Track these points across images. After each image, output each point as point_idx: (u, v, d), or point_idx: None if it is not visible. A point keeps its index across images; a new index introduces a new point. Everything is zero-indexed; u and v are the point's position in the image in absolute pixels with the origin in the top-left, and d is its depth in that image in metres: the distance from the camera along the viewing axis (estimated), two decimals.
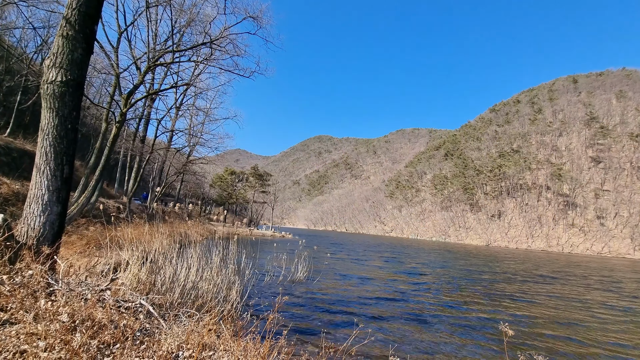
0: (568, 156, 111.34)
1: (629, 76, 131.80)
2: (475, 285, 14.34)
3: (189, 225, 16.28)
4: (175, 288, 6.14)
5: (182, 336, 2.50)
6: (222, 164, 74.84)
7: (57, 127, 3.82)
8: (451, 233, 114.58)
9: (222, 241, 8.30)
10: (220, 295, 6.52)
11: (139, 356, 2.08)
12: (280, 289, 9.85)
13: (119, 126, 12.77)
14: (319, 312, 7.79)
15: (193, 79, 19.85)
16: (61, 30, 3.93)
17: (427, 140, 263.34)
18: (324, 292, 10.10)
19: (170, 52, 14.05)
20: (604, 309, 11.20)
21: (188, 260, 6.96)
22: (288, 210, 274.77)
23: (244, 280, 8.07)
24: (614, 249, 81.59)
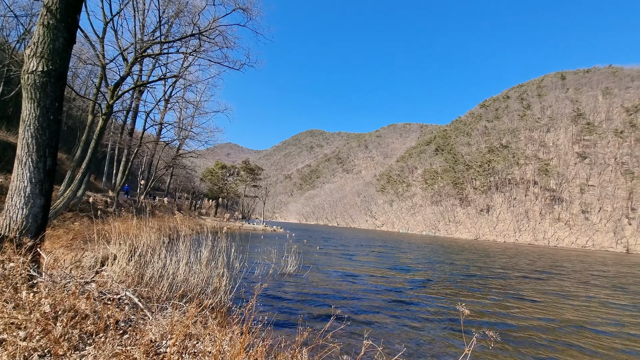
0: (555, 152, 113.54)
1: (615, 73, 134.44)
2: (464, 280, 14.64)
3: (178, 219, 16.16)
4: (164, 281, 6.15)
5: (166, 326, 2.52)
6: (213, 158, 74.24)
7: (39, 118, 3.75)
8: (441, 227, 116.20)
9: (212, 235, 8.30)
10: (209, 288, 6.55)
11: (122, 344, 2.10)
12: (270, 281, 9.91)
13: (106, 118, 12.53)
14: (307, 304, 7.88)
15: (182, 71, 19.55)
16: (42, 19, 3.84)
17: (418, 135, 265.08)
18: (313, 285, 10.20)
19: (158, 43, 13.78)
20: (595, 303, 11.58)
21: (177, 253, 6.95)
22: (280, 204, 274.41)
23: (234, 273, 8.11)
24: (597, 242, 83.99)
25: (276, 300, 8.03)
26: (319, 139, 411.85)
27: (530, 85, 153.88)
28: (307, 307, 7.61)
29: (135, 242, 7.22)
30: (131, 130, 24.20)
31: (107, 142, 30.37)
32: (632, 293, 13.96)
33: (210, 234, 8.27)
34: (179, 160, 34.11)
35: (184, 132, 28.64)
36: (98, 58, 13.18)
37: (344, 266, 15.20)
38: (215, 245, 8.02)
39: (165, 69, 21.55)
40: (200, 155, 35.65)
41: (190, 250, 7.21)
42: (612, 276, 20.22)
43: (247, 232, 35.88)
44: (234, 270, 8.38)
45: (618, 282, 17.74)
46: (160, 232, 8.97)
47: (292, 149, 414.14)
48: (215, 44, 13.48)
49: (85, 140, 13.02)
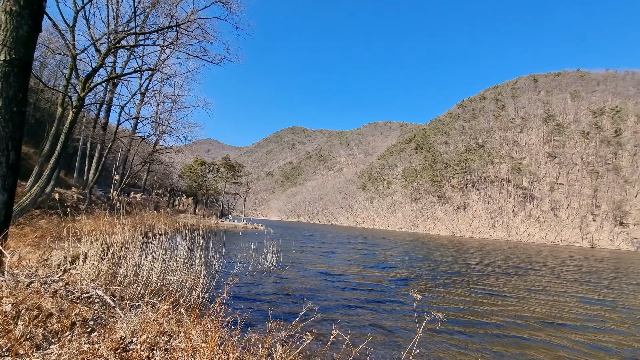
0: (527, 151, 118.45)
1: (583, 77, 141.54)
2: (441, 277, 15.07)
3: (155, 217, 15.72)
4: (139, 280, 6.00)
5: (138, 324, 2.48)
6: (192, 154, 72.41)
7: (1, 109, 3.56)
8: (420, 224, 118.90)
9: (190, 233, 8.15)
10: (187, 285, 6.45)
11: (89, 342, 2.05)
12: (249, 279, 9.86)
13: (77, 111, 12.00)
14: (283, 300, 7.91)
15: (159, 64, 18.98)
16: (4, 5, 3.64)
17: (399, 134, 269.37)
18: (290, 281, 10.23)
19: (133, 35, 13.31)
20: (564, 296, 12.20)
21: (153, 251, 6.80)
22: (261, 201, 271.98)
23: (212, 271, 8.02)
24: (565, 238, 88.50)
25: (254, 297, 8.01)
26: (300, 136, 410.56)
27: (505, 86, 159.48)
28: (283, 302, 7.63)
29: (108, 240, 6.99)
30: (105, 124, 23.28)
31: (78, 136, 29.07)
32: (605, 288, 14.83)
33: (188, 231, 8.12)
34: (156, 156, 33.14)
35: (161, 127, 27.85)
36: (68, 48, 12.58)
37: (322, 263, 15.31)
38: (193, 243, 7.90)
39: (141, 62, 20.83)
40: (178, 151, 34.71)
41: (166, 248, 7.07)
42: (588, 272, 21.39)
43: (227, 229, 35.37)
44: (212, 268, 8.30)
45: (591, 277, 18.79)
46: (136, 229, 8.72)
47: (273, 145, 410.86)
48: (193, 37, 13.17)
49: (54, 134, 12.42)
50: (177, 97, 28.20)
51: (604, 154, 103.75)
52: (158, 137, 29.38)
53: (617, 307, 10.33)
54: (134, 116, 25.31)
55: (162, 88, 27.28)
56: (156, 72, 20.30)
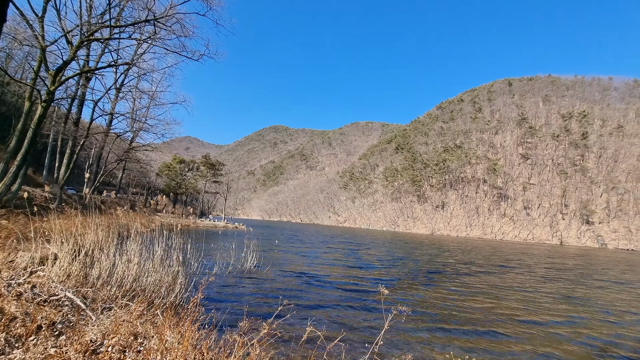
0: (502, 152, 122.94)
1: (554, 82, 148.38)
2: (419, 276, 15.39)
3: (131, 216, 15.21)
4: (113, 281, 5.81)
5: (109, 326, 2.41)
6: (171, 152, 70.59)
7: None
8: (400, 223, 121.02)
9: (168, 232, 7.96)
10: (163, 286, 6.30)
11: (56, 346, 1.96)
12: (228, 279, 9.74)
13: (46, 106, 11.45)
14: (262, 299, 7.88)
15: (135, 59, 18.37)
16: None
17: (380, 134, 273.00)
18: (270, 281, 10.19)
19: (107, 27, 12.82)
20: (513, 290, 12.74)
21: (128, 252, 6.60)
22: (242, 201, 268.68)
23: (190, 271, 7.86)
24: (536, 235, 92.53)
25: (233, 297, 7.92)
26: (282, 135, 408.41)
27: (482, 89, 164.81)
28: (262, 302, 7.60)
29: (80, 240, 6.72)
30: (77, 120, 22.26)
31: (48, 132, 27.72)
32: (576, 284, 15.60)
33: (165, 231, 7.92)
34: (132, 153, 32.05)
35: (138, 124, 26.95)
36: (37, 39, 11.95)
37: (303, 263, 15.32)
38: (171, 243, 7.71)
39: (116, 55, 20.07)
40: (156, 149, 33.68)
41: (143, 248, 6.87)
42: (562, 269, 22.41)
43: (207, 229, 34.75)
44: (191, 268, 8.14)
45: (566, 275, 19.71)
46: (110, 229, 8.42)
47: (255, 144, 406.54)
48: (172, 32, 12.84)
49: (21, 130, 11.78)
50: (154, 93, 27.37)
51: (572, 156, 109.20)
52: (134, 134, 28.43)
53: (586, 302, 10.92)
54: (109, 112, 24.37)
55: (138, 83, 26.40)
56: (132, 66, 19.65)
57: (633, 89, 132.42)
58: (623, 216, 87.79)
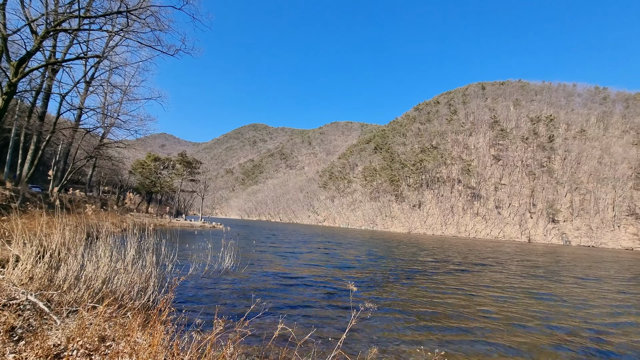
0: (476, 154, 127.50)
1: (524, 87, 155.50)
2: (397, 275, 15.70)
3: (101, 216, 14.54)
4: (81, 283, 5.57)
5: (75, 330, 2.32)
6: (145, 149, 68.19)
7: None
8: (378, 222, 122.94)
9: (141, 232, 7.71)
10: (135, 288, 6.11)
11: (14, 352, 1.87)
12: (204, 279, 9.57)
13: (7, 99, 10.77)
14: (238, 299, 7.81)
15: (107, 51, 17.63)
16: None
17: (359, 134, 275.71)
18: (247, 281, 10.11)
19: (76, 17, 12.21)
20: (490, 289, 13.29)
21: (98, 253, 6.34)
22: (220, 200, 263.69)
23: (165, 272, 7.66)
24: (507, 233, 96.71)
25: (208, 297, 7.80)
26: (262, 134, 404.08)
27: (457, 92, 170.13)
28: (237, 302, 7.53)
29: (45, 241, 6.39)
30: (42, 114, 21.07)
31: (10, 126, 26.08)
32: (550, 280, 16.41)
33: (138, 231, 7.66)
34: (103, 150, 30.71)
35: (110, 119, 25.85)
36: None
37: (281, 263, 15.29)
38: (144, 243, 7.48)
39: (85, 47, 19.14)
40: (129, 146, 32.41)
41: (113, 249, 6.63)
42: (535, 266, 23.49)
43: (183, 228, 33.90)
44: (165, 269, 7.92)
45: (539, 271, 20.69)
46: (78, 229, 8.05)
47: (234, 142, 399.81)
48: (146, 25, 12.41)
49: None
50: (127, 87, 26.32)
51: (539, 158, 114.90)
52: (106, 130, 27.27)
53: (555, 297, 11.55)
54: (78, 106, 23.24)
55: (110, 77, 25.33)
56: (103, 59, 18.84)
57: (594, 95, 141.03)
58: (585, 215, 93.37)
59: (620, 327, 8.04)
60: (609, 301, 11.24)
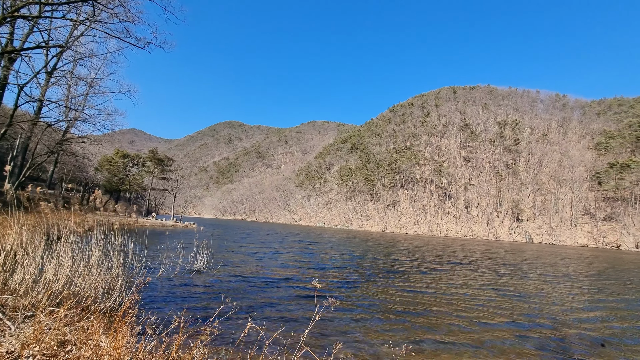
0: (447, 155, 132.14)
1: (492, 92, 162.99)
2: (373, 274, 15.98)
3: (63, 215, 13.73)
4: (40, 286, 5.27)
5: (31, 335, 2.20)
6: (112, 145, 65.18)
7: None
8: (354, 221, 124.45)
9: (108, 232, 7.37)
10: (101, 290, 5.85)
11: None
12: (176, 280, 9.31)
13: None
14: (208, 300, 7.68)
15: (71, 41, 16.67)
16: None
17: (336, 134, 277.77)
18: (219, 281, 9.95)
19: (37, 4, 11.45)
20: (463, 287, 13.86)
21: (59, 254, 6.00)
22: (194, 198, 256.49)
23: (133, 273, 7.38)
24: (475, 232, 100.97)
25: (179, 298, 7.61)
26: (238, 132, 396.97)
27: (430, 95, 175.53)
28: (208, 303, 7.40)
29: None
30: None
31: None
32: (517, 277, 17.23)
33: (105, 231, 7.33)
34: (66, 145, 29.00)
35: (74, 113, 24.41)
36: None
37: (255, 263, 15.15)
38: (111, 244, 7.16)
39: (47, 36, 17.96)
40: (95, 141, 30.74)
41: (77, 250, 6.31)
42: (505, 264, 24.60)
43: (154, 228, 32.73)
44: (134, 270, 7.63)
45: (510, 269, 21.67)
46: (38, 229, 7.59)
47: (208, 140, 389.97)
48: (114, 15, 11.85)
49: None
50: (94, 80, 24.95)
51: (506, 160, 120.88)
52: (69, 124, 25.73)
53: (523, 294, 12.20)
54: (38, 98, 21.75)
55: (74, 68, 23.88)
56: (66, 50, 17.78)
57: (555, 101, 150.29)
58: (546, 214, 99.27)
59: (584, 322, 8.67)
60: (573, 297, 12.07)
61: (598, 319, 8.84)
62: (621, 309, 10.21)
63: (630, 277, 19.41)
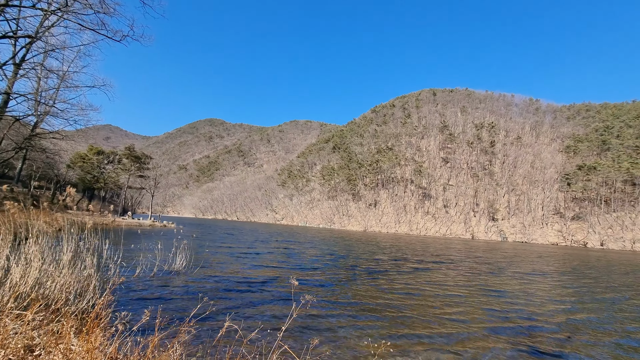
0: (427, 156, 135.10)
1: (470, 95, 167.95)
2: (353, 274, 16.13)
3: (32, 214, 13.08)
4: (5, 289, 5.02)
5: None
6: (86, 142, 62.60)
7: None
8: (336, 220, 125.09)
9: (81, 232, 7.10)
10: (73, 292, 5.64)
11: None
12: (153, 281, 9.08)
13: None
14: (186, 300, 7.56)
15: (41, 32, 15.87)
16: None
17: (318, 133, 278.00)
18: (197, 282, 9.79)
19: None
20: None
21: (27, 255, 5.74)
22: (172, 197, 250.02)
23: (107, 274, 7.15)
24: (453, 231, 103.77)
25: (156, 300, 7.43)
26: (219, 129, 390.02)
27: (411, 97, 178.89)
28: (185, 303, 7.28)
29: None
30: None
31: None
32: (495, 275, 17.77)
33: (78, 231, 7.05)
34: (35, 141, 27.56)
35: (44, 107, 23.22)
36: None
37: (234, 263, 15.00)
38: (84, 244, 6.91)
39: (15, 25, 17.00)
40: (67, 137, 29.36)
41: (47, 250, 6.04)
42: (486, 262, 25.33)
43: (130, 228, 31.72)
44: (108, 271, 7.39)
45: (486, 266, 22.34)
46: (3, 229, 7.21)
47: (188, 137, 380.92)
48: (88, 6, 11.37)
49: None
50: (66, 73, 23.82)
51: (482, 161, 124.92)
52: (39, 118, 24.48)
53: (501, 292, 12.66)
54: (4, 91, 20.56)
55: (45, 60, 22.71)
56: (36, 40, 16.92)
57: (529, 105, 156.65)
58: (519, 214, 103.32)
59: (553, 314, 9.11)
60: (545, 292, 12.64)
61: (566, 311, 9.34)
62: (584, 302, 10.83)
63: (596, 274, 20.57)
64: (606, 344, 6.81)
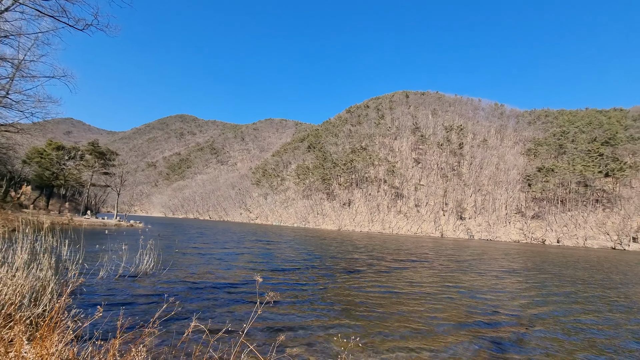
0: (399, 156, 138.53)
1: (440, 99, 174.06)
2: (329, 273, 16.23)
3: None
4: None
5: None
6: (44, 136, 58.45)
7: None
8: (310, 219, 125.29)
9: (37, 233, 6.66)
10: (27, 296, 5.29)
11: None
12: (118, 284, 8.70)
13: None
14: (151, 303, 7.33)
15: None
16: None
17: (294, 132, 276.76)
18: (164, 284, 9.51)
19: None
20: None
21: None
22: (140, 196, 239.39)
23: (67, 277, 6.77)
24: (424, 229, 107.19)
25: (120, 303, 7.14)
26: (191, 126, 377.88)
27: (385, 99, 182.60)
28: (148, 308, 7.06)
29: None
30: None
31: None
32: (460, 272, 18.45)
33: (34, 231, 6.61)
34: None
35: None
36: None
37: (205, 264, 14.68)
38: (40, 245, 6.49)
39: None
40: (22, 131, 27.33)
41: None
42: (458, 260, 26.20)
43: (94, 228, 30.13)
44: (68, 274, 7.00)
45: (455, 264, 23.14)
46: None
47: (158, 133, 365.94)
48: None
49: None
50: (22, 62, 22.17)
51: (451, 162, 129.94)
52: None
53: (469, 289, 13.21)
54: None
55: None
56: None
57: (494, 110, 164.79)
58: (485, 213, 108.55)
59: (516, 308, 9.66)
60: (508, 286, 13.37)
61: (527, 305, 9.99)
62: (543, 296, 11.64)
63: (554, 270, 22.07)
64: (558, 334, 7.36)
